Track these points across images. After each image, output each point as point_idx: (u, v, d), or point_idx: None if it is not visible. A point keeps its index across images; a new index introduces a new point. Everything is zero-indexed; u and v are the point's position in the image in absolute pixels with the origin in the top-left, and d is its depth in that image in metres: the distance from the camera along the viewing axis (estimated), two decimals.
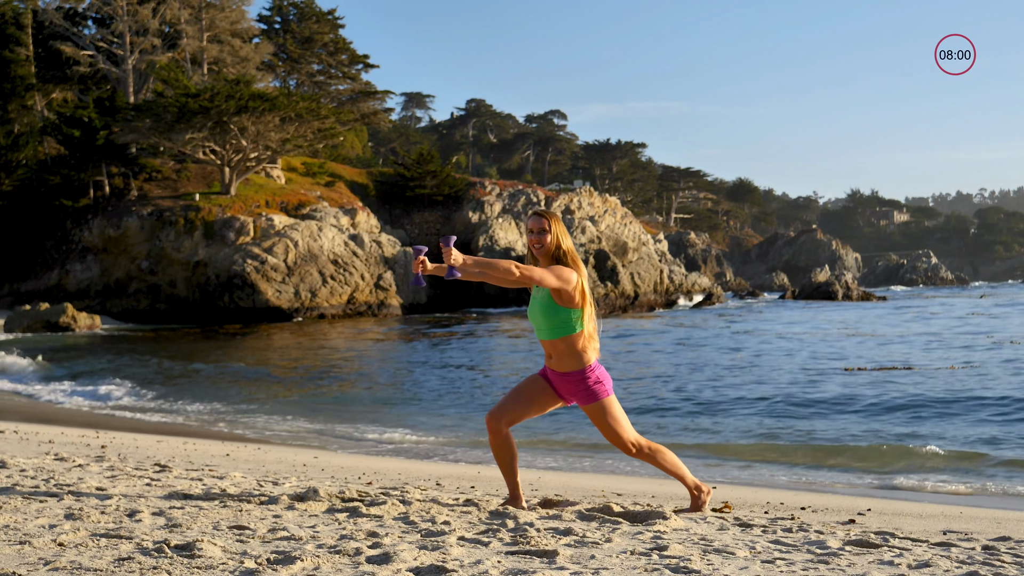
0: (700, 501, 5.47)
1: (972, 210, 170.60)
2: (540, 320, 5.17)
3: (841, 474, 9.30)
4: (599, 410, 5.18)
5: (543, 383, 5.29)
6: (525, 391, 5.30)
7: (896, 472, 9.25)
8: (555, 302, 5.10)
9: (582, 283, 5.11)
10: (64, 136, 46.46)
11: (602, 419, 5.19)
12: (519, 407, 5.29)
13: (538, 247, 5.16)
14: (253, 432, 12.45)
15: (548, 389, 5.28)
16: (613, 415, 5.18)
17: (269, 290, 42.28)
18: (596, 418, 5.21)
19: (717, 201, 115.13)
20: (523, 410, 5.29)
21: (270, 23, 66.19)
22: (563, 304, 5.09)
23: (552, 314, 5.11)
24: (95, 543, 4.01)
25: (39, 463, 6.99)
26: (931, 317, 37.25)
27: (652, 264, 56.48)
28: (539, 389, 5.29)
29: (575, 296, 5.08)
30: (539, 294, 5.20)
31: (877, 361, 19.68)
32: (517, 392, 5.32)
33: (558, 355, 5.16)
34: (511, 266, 4.92)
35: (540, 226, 5.15)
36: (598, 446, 10.87)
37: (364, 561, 3.85)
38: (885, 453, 10.07)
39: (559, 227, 5.17)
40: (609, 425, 5.19)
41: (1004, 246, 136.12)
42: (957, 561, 4.19)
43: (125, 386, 18.14)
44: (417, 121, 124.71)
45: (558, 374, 5.20)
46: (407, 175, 55.53)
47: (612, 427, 5.19)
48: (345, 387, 18.16)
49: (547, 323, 5.14)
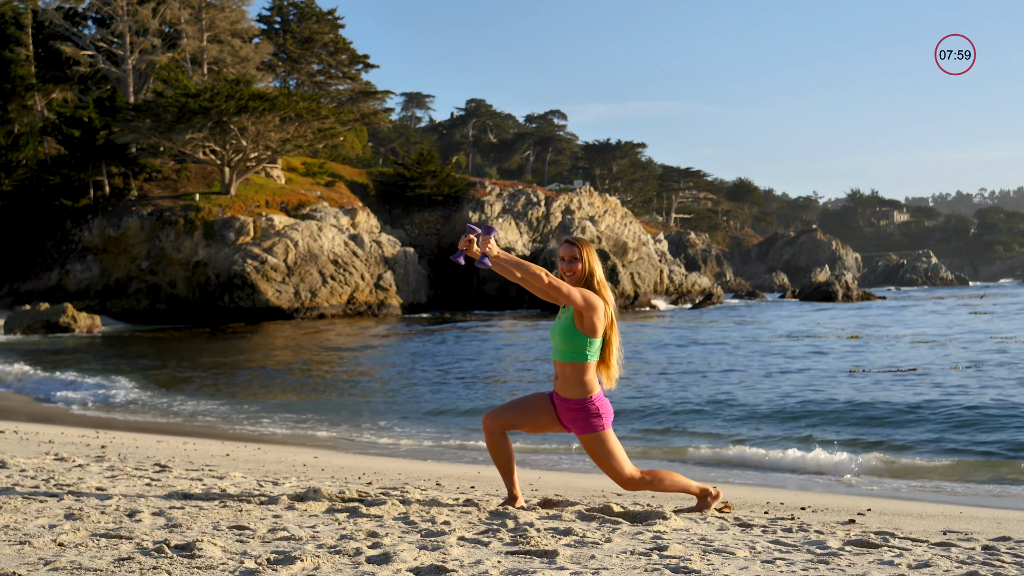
0: (706, 503, 5.48)
1: (972, 210, 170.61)
2: (558, 340, 5.17)
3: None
4: (595, 442, 5.18)
5: (547, 404, 5.29)
6: (528, 404, 5.31)
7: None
8: (575, 327, 5.10)
9: (609, 313, 5.12)
10: (64, 136, 46.46)
11: (597, 452, 5.20)
12: (518, 417, 5.31)
13: (570, 275, 5.15)
14: (253, 432, 12.45)
15: (551, 411, 5.27)
16: (608, 449, 5.19)
17: (269, 290, 42.28)
18: (592, 450, 5.21)
19: (717, 201, 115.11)
20: (521, 421, 5.31)
21: (270, 23, 66.19)
22: (583, 331, 5.09)
23: (570, 337, 5.11)
24: (95, 543, 4.01)
25: (39, 463, 6.99)
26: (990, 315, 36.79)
27: (652, 264, 56.48)
28: (542, 408, 5.29)
29: (597, 325, 5.08)
30: (564, 315, 5.20)
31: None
32: (520, 403, 5.34)
33: (564, 379, 5.16)
34: (542, 273, 4.96)
35: (572, 254, 5.15)
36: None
37: (364, 561, 3.85)
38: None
39: (592, 255, 5.17)
40: (604, 459, 5.20)
41: (1004, 246, 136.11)
42: (957, 561, 4.19)
43: (125, 386, 18.14)
44: (417, 121, 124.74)
45: (561, 399, 5.21)
46: (407, 175, 55.54)
47: (607, 461, 5.19)
48: (345, 387, 18.16)
49: (563, 345, 5.14)
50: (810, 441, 10.85)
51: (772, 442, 10.95)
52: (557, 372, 5.20)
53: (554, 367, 5.23)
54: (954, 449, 10.24)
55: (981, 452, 10.02)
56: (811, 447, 10.23)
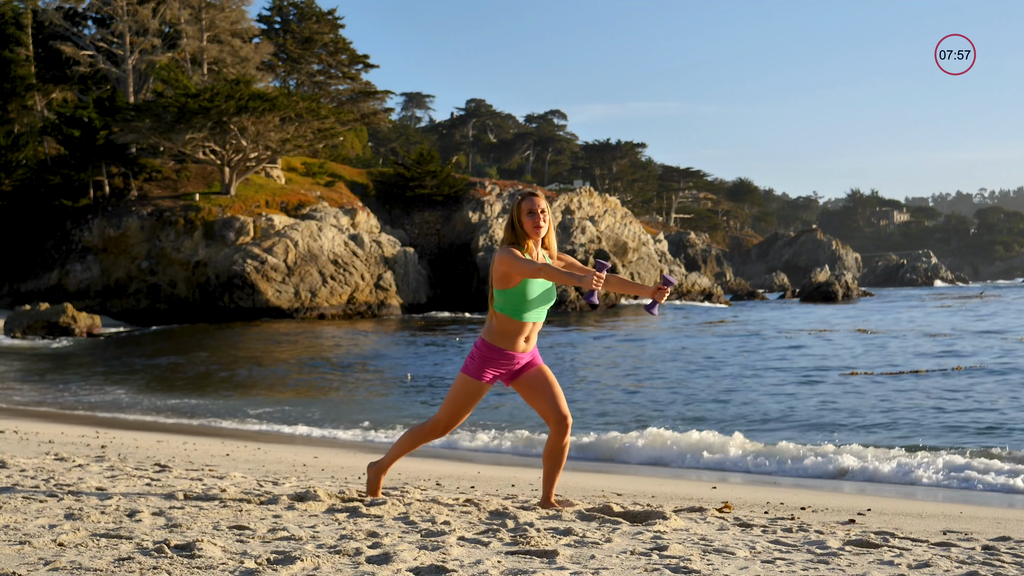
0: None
1: (972, 210, 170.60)
2: (549, 301, 5.24)
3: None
4: (544, 372, 5.27)
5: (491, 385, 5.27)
6: (535, 388, 5.30)
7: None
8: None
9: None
10: (64, 136, 46.44)
11: (451, 387, 5.31)
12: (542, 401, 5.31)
13: (543, 226, 5.15)
14: (253, 431, 12.45)
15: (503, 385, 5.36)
16: (454, 389, 5.28)
17: (269, 290, 42.29)
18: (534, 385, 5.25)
19: (717, 201, 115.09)
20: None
21: (270, 23, 66.18)
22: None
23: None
24: (95, 543, 4.01)
25: (39, 463, 6.99)
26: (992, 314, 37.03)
27: (652, 264, 56.51)
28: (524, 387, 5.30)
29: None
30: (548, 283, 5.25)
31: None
32: (541, 388, 5.28)
33: (535, 335, 5.25)
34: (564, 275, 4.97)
35: (541, 206, 5.14)
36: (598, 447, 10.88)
37: (364, 561, 3.85)
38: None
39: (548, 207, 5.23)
40: (448, 396, 5.31)
41: (1004, 246, 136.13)
42: (957, 561, 4.19)
43: (125, 386, 18.14)
44: (417, 121, 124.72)
45: (527, 354, 5.23)
46: (407, 175, 55.53)
47: (447, 399, 5.30)
48: (345, 387, 18.17)
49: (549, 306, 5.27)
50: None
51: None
52: (530, 332, 5.21)
53: (527, 330, 5.19)
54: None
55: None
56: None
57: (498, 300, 5.12)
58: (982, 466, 8.94)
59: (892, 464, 9.22)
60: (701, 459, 10.12)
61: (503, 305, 5.11)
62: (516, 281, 5.05)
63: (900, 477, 8.96)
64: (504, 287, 5.08)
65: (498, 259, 5.05)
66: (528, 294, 5.08)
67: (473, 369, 5.17)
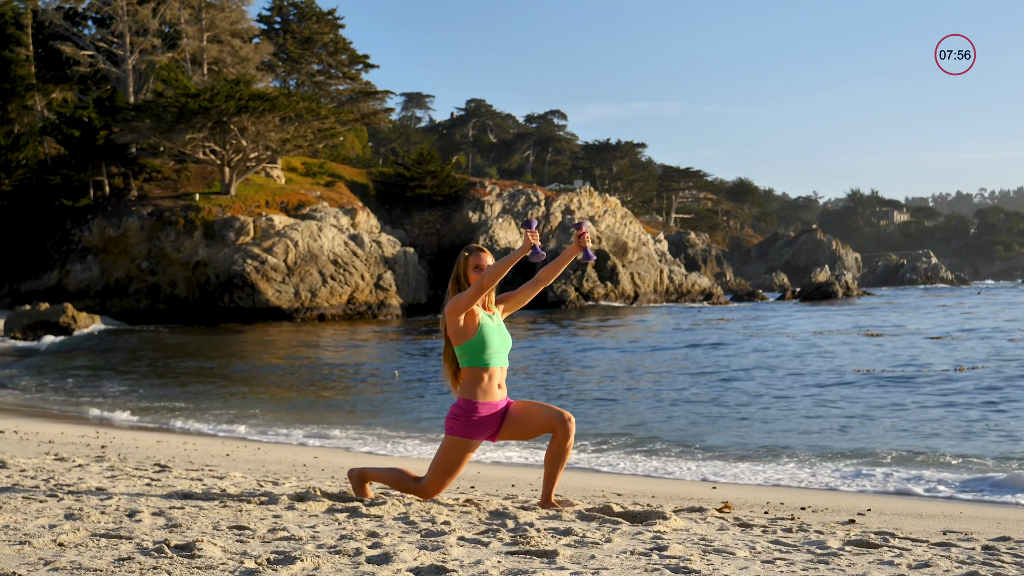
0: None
1: (972, 210, 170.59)
2: (508, 345, 5.28)
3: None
4: (519, 403, 5.29)
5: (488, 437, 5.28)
6: (523, 417, 5.28)
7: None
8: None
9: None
10: (64, 136, 46.44)
11: (439, 449, 5.32)
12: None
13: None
14: (253, 432, 12.45)
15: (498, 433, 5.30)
16: (441, 451, 5.30)
17: (269, 290, 42.28)
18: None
19: (717, 201, 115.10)
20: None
21: (270, 23, 66.18)
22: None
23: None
24: (95, 543, 4.01)
25: (39, 463, 6.99)
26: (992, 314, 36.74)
27: (652, 264, 56.51)
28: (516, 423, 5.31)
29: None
30: (498, 318, 5.28)
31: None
32: (528, 412, 5.28)
33: (504, 380, 5.29)
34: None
35: (488, 262, 5.18)
36: (597, 447, 10.88)
37: (364, 561, 3.85)
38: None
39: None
40: (436, 458, 5.31)
41: (1004, 246, 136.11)
42: (957, 561, 4.19)
43: (125, 385, 18.14)
44: (417, 121, 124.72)
45: (504, 400, 5.27)
46: (407, 175, 55.52)
47: (435, 461, 5.30)
48: (345, 388, 18.17)
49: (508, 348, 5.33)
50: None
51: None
52: (500, 379, 5.24)
53: (499, 376, 5.23)
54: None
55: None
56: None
57: (461, 357, 5.19)
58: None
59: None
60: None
61: (468, 359, 5.18)
62: (472, 331, 5.12)
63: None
64: (462, 341, 5.15)
65: (447, 313, 5.13)
66: (486, 340, 5.15)
67: (459, 430, 5.18)
